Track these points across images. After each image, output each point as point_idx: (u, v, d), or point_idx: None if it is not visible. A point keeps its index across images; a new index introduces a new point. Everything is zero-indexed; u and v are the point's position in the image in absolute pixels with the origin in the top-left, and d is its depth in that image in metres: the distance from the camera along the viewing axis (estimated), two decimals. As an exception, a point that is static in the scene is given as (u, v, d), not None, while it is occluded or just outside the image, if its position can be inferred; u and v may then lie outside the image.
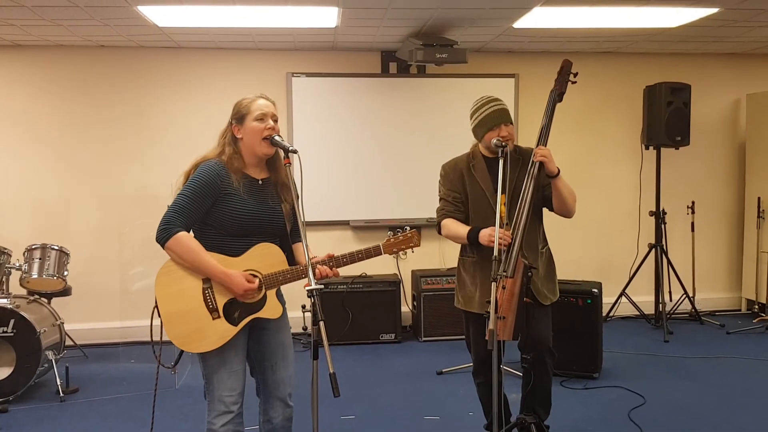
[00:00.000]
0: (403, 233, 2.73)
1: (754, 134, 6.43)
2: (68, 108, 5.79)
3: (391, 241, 2.72)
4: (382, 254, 2.69)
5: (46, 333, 4.48)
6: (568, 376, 4.62)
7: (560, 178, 3.04)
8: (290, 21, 4.93)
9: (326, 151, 6.01)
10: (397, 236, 2.73)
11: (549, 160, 2.99)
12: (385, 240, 2.73)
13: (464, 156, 3.31)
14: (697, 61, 6.53)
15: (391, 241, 2.72)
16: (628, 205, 6.45)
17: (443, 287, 5.71)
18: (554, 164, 3.01)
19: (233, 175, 2.58)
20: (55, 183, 5.80)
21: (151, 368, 5.03)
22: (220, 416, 2.60)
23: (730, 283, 6.77)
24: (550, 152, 3.02)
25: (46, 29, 5.09)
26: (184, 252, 2.50)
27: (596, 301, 4.62)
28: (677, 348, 5.44)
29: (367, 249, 2.66)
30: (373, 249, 2.67)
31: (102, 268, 5.81)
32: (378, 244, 2.69)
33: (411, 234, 2.74)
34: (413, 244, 2.73)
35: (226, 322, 2.55)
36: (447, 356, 5.20)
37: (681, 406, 4.17)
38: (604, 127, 6.49)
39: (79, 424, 4.06)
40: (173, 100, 5.92)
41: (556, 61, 3.20)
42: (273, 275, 2.58)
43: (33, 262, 4.76)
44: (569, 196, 3.10)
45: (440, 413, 4.12)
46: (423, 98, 6.12)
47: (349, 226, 6.07)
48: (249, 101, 2.62)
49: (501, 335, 2.84)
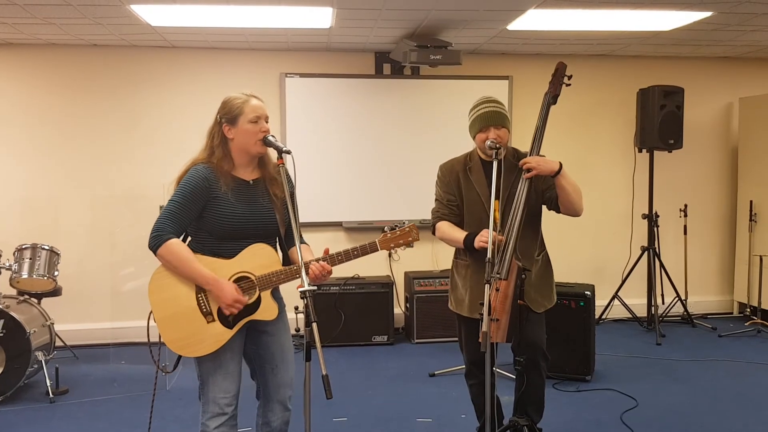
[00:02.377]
0: (400, 228, 2.65)
1: (746, 138, 6.46)
2: (60, 107, 5.75)
3: (387, 237, 2.64)
4: (378, 250, 2.62)
5: (36, 333, 4.44)
6: (560, 378, 4.62)
7: (563, 175, 2.96)
8: (284, 21, 4.91)
9: (320, 152, 5.99)
10: (394, 231, 2.65)
11: (539, 169, 2.92)
12: (381, 236, 2.65)
13: (462, 157, 3.25)
14: (690, 65, 6.55)
15: (388, 237, 2.64)
16: (620, 208, 6.46)
17: (436, 289, 5.70)
18: (549, 166, 2.94)
19: (222, 179, 2.56)
20: (45, 183, 5.76)
21: (141, 370, 5.04)
22: (214, 418, 2.59)
23: (722, 286, 6.80)
24: (538, 159, 2.94)
25: (38, 27, 5.06)
26: (175, 260, 2.49)
27: (589, 303, 4.63)
28: (669, 351, 5.45)
29: (363, 246, 2.61)
30: (370, 246, 2.61)
31: (92, 268, 5.78)
32: (374, 241, 2.63)
33: (409, 228, 2.65)
34: (412, 239, 2.64)
35: (221, 325, 2.54)
36: (440, 358, 5.19)
37: (673, 408, 4.17)
38: (598, 130, 6.50)
39: (68, 425, 4.03)
40: (166, 100, 5.89)
41: (550, 63, 3.19)
42: (267, 276, 2.55)
43: (23, 261, 4.72)
44: (574, 193, 3.01)
45: (433, 415, 4.11)
46: (417, 99, 6.12)
47: (341, 227, 6.05)
48: (242, 102, 2.58)
49: (494, 337, 2.83)
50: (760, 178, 6.27)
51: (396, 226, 2.66)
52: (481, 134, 3.07)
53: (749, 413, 4.10)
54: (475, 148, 3.22)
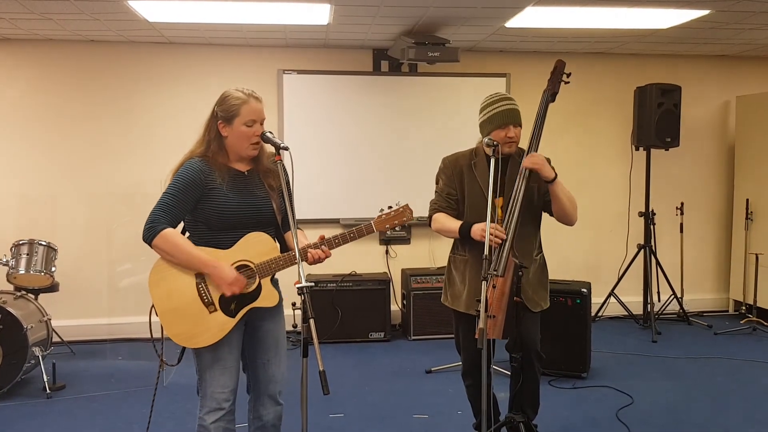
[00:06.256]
0: (395, 209, 2.69)
1: (743, 136, 6.47)
2: (57, 103, 5.75)
3: (382, 218, 2.69)
4: (374, 231, 2.67)
5: (33, 329, 4.45)
6: (556, 375, 4.63)
7: (558, 183, 2.98)
8: (282, 17, 4.91)
9: (317, 149, 5.99)
10: (388, 212, 2.69)
11: (540, 166, 2.94)
12: (377, 217, 2.69)
13: (467, 152, 3.23)
14: (687, 63, 6.56)
15: (383, 218, 2.68)
16: (617, 206, 6.48)
17: (433, 286, 5.71)
18: (549, 169, 2.96)
19: (217, 171, 2.57)
20: (43, 179, 5.75)
21: (138, 365, 5.05)
22: (211, 412, 2.59)
23: (718, 284, 6.82)
24: (543, 159, 2.97)
25: (36, 23, 5.05)
26: (171, 247, 2.49)
27: (585, 301, 4.63)
28: (665, 348, 5.47)
29: (359, 228, 2.63)
30: (365, 227, 2.64)
31: (90, 264, 5.78)
32: (369, 222, 2.66)
33: (403, 208, 2.69)
34: (406, 218, 2.69)
35: (223, 314, 2.54)
36: (436, 355, 5.20)
37: (668, 406, 4.19)
38: (595, 128, 6.51)
39: (65, 420, 4.04)
40: (163, 97, 5.88)
41: (548, 61, 3.20)
42: (265, 263, 2.56)
43: (20, 257, 4.73)
44: (568, 203, 3.03)
45: (429, 412, 4.12)
46: (414, 96, 6.12)
47: (339, 224, 6.05)
48: (240, 102, 2.56)
49: (491, 334, 2.83)
50: (756, 177, 6.29)
51: (390, 206, 2.70)
52: (499, 131, 3.04)
53: (744, 411, 4.11)
54: (480, 144, 3.20)
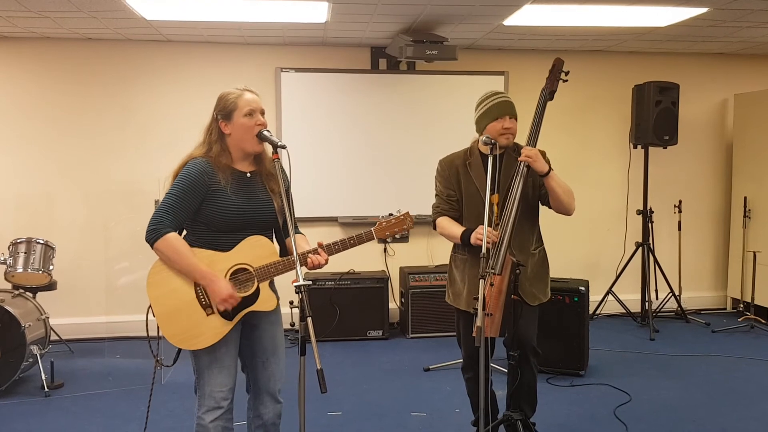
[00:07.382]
0: (395, 216, 2.68)
1: (741, 134, 6.48)
2: (54, 101, 5.74)
3: (383, 225, 2.67)
4: (374, 239, 2.65)
5: (31, 327, 4.45)
6: (554, 373, 4.64)
7: (552, 176, 3.01)
8: (280, 15, 4.90)
9: (315, 147, 5.99)
10: (389, 220, 2.68)
11: (534, 160, 2.96)
12: (377, 224, 2.68)
13: (462, 152, 3.26)
14: (685, 61, 6.57)
15: (383, 225, 2.67)
16: (615, 204, 6.48)
17: (431, 284, 5.72)
18: (542, 163, 2.98)
19: (220, 173, 2.56)
20: (40, 177, 5.75)
21: (136, 364, 5.05)
22: (209, 411, 2.59)
23: (715, 282, 6.83)
24: (537, 152, 2.99)
25: (32, 21, 5.04)
26: (172, 253, 2.49)
27: (583, 298, 4.64)
28: (663, 346, 5.48)
29: (359, 235, 2.62)
30: (365, 234, 2.63)
31: (87, 263, 5.77)
32: (370, 230, 2.65)
33: (403, 216, 2.69)
34: (406, 226, 2.68)
35: (220, 317, 2.54)
36: (434, 353, 5.21)
37: (666, 403, 4.20)
38: (593, 126, 6.51)
39: (64, 419, 4.03)
40: (161, 95, 5.88)
41: (546, 59, 3.20)
42: (264, 267, 2.56)
43: (18, 255, 4.72)
44: (564, 194, 3.06)
45: (427, 410, 4.12)
46: (412, 95, 6.11)
47: (337, 222, 6.06)
48: (235, 96, 2.57)
49: (488, 332, 2.84)
50: (754, 175, 6.29)
51: (390, 214, 2.69)
52: (495, 123, 3.06)
53: (742, 408, 4.12)
54: (474, 143, 3.23)
